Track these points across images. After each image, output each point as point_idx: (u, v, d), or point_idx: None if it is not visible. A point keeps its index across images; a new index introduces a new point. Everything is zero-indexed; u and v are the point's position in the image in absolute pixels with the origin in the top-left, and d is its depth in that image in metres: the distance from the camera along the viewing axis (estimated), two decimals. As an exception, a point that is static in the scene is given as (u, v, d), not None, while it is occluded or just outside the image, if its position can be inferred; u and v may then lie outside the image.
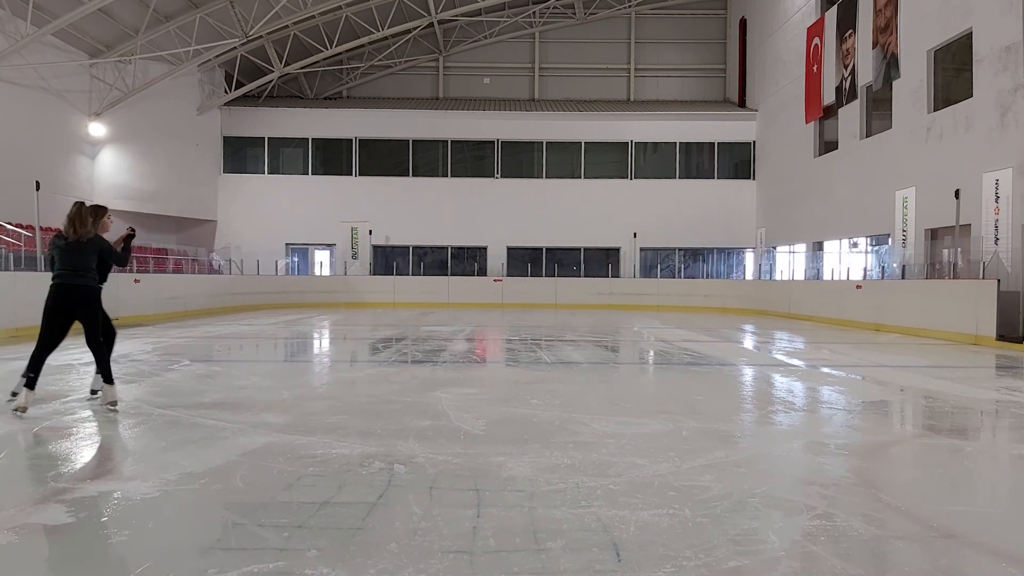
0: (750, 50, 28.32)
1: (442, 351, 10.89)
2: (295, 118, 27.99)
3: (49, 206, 19.21)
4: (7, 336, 12.18)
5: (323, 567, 2.81)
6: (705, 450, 4.69)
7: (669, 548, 3.01)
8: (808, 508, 3.57)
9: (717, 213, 27.72)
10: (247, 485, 3.88)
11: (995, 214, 13.82)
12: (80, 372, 8.14)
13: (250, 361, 10.45)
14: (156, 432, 5.12)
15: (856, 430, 5.54)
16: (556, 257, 27.92)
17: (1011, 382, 8.32)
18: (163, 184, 25.03)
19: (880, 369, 9.26)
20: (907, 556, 3.05)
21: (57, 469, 4.18)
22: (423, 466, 4.26)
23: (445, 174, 28.33)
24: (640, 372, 9.71)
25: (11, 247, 15.91)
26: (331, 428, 5.27)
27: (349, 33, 26.29)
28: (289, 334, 14.59)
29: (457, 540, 3.11)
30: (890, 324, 15.26)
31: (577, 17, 30.09)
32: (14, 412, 5.62)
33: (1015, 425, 5.98)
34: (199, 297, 20.27)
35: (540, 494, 3.75)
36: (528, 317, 19.87)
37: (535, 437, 5.02)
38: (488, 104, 29.51)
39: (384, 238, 27.77)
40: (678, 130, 28.31)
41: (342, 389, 7.52)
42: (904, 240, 17.29)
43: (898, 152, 17.60)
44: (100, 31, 21.25)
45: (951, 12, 15.47)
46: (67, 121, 21.69)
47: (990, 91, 14.27)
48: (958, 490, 4.17)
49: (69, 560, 2.87)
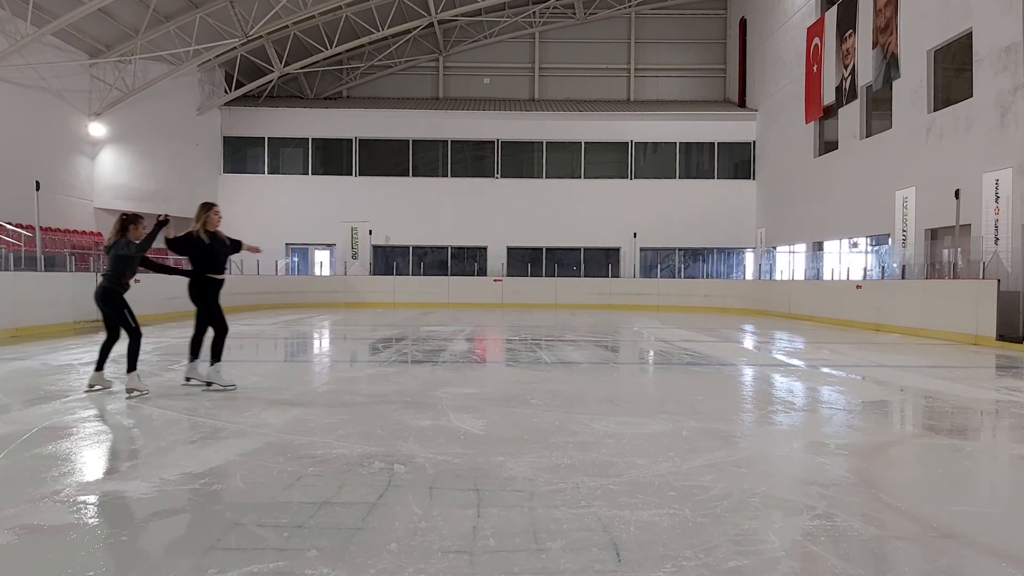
0: (750, 50, 28.32)
1: (442, 351, 10.89)
2: (295, 118, 28.00)
3: (49, 206, 19.26)
4: (7, 336, 12.18)
5: (323, 567, 2.81)
6: (705, 450, 4.69)
7: (669, 548, 3.01)
8: (808, 508, 3.57)
9: (717, 213, 27.72)
10: (247, 485, 3.88)
11: (995, 214, 13.82)
12: (80, 372, 8.14)
13: (250, 361, 10.44)
14: (156, 432, 5.12)
15: (856, 430, 5.54)
16: (556, 257, 27.92)
17: (1011, 382, 8.32)
18: (163, 184, 25.02)
19: (880, 369, 9.26)
20: (907, 556, 3.05)
21: (57, 469, 4.18)
22: (423, 466, 4.26)
23: (445, 174, 28.33)
24: (640, 372, 9.71)
25: (11, 247, 15.91)
26: (331, 428, 5.27)
27: (349, 33, 26.29)
28: (289, 334, 14.59)
29: (457, 540, 3.11)
30: (890, 324, 15.26)
31: (577, 17, 30.09)
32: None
33: (1015, 425, 5.98)
34: (199, 297, 20.22)
35: (540, 494, 3.75)
36: (528, 317, 19.87)
37: (535, 437, 5.01)
38: (488, 104, 29.51)
39: (384, 238, 27.77)
40: (678, 130, 28.31)
41: (342, 389, 7.52)
42: (904, 240, 17.29)
43: (898, 152, 17.60)
44: (100, 31, 21.25)
45: (951, 12, 15.47)
46: (67, 121, 21.68)
47: (990, 91, 14.26)
48: (958, 490, 4.17)
49: (69, 560, 2.87)
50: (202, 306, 6.97)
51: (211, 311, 6.97)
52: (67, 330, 13.80)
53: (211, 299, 6.95)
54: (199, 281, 6.92)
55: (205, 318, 7.03)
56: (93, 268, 17.01)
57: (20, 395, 6.64)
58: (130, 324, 6.58)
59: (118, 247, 6.51)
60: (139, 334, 6.66)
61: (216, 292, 6.98)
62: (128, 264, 6.62)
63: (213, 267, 6.93)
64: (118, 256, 6.53)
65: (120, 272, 6.58)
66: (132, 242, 6.53)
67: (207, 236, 6.90)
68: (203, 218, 6.90)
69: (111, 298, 6.54)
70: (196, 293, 6.94)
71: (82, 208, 22.43)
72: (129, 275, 6.69)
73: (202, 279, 6.91)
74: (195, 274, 6.93)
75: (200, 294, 6.93)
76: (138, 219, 6.62)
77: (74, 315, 14.64)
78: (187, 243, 6.88)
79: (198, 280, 6.92)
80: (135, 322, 6.61)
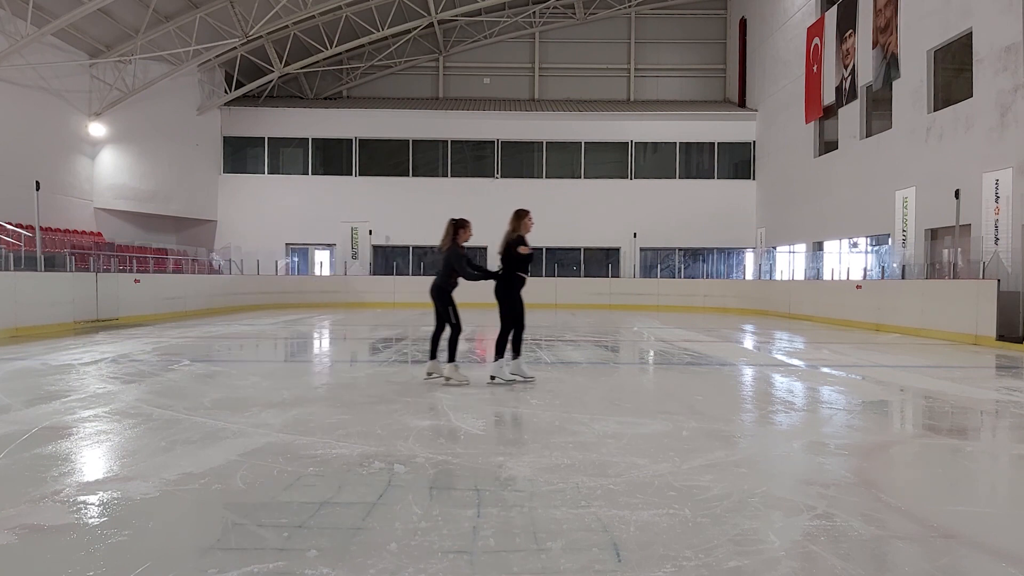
0: (750, 50, 28.32)
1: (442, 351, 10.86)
2: (295, 118, 27.99)
3: (49, 206, 19.25)
4: (7, 336, 12.18)
5: (323, 567, 2.81)
6: (705, 450, 4.69)
7: (669, 548, 3.01)
8: (808, 508, 3.57)
9: (717, 213, 27.71)
10: (247, 485, 3.88)
11: (995, 214, 13.82)
12: (80, 372, 8.14)
13: (250, 361, 10.45)
14: (156, 432, 5.12)
15: (856, 430, 5.54)
16: (556, 257, 27.91)
17: (1011, 382, 8.32)
18: (163, 184, 25.03)
19: (880, 369, 9.26)
20: (907, 556, 3.05)
21: (57, 469, 4.18)
22: (423, 466, 4.26)
23: (445, 174, 28.33)
24: (640, 372, 9.71)
25: (11, 247, 15.90)
26: (331, 428, 5.27)
27: (349, 33, 26.29)
28: (289, 334, 14.59)
29: (457, 540, 3.11)
30: (890, 324, 15.26)
31: (577, 17, 30.09)
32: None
33: (1015, 425, 5.98)
34: (199, 297, 20.27)
35: (540, 494, 3.75)
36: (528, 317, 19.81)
37: (535, 437, 5.02)
38: (488, 104, 29.51)
39: (384, 238, 27.76)
40: (678, 130, 28.31)
41: (342, 389, 7.52)
42: (904, 240, 17.29)
43: (898, 152, 17.60)
44: (100, 31, 21.25)
45: (951, 12, 15.47)
46: (67, 121, 21.68)
47: (990, 91, 14.26)
48: (958, 490, 4.17)
49: (69, 560, 2.87)
50: (510, 305, 7.36)
51: (517, 309, 7.39)
52: (67, 330, 13.80)
53: (520, 297, 7.43)
54: (517, 280, 7.37)
55: (510, 317, 7.38)
56: (93, 268, 17.02)
57: (20, 395, 6.63)
58: (451, 319, 7.40)
59: (451, 252, 7.31)
60: (459, 329, 7.41)
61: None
62: (453, 268, 7.39)
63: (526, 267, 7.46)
64: (451, 258, 7.32)
65: (449, 272, 7.38)
66: (460, 246, 7.36)
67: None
68: (523, 223, 7.40)
69: (441, 294, 7.43)
70: (507, 291, 7.35)
71: (82, 208, 22.43)
72: (456, 275, 7.42)
73: (518, 279, 7.38)
74: (508, 274, 7.39)
75: (512, 292, 7.37)
76: (466, 224, 7.46)
77: (74, 315, 14.64)
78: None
79: (513, 279, 7.37)
80: (457, 318, 7.41)
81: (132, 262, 19.45)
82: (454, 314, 7.41)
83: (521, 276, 7.40)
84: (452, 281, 7.45)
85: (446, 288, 7.45)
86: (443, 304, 7.45)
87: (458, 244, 7.39)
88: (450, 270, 7.39)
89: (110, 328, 14.60)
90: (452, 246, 7.37)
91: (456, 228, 7.42)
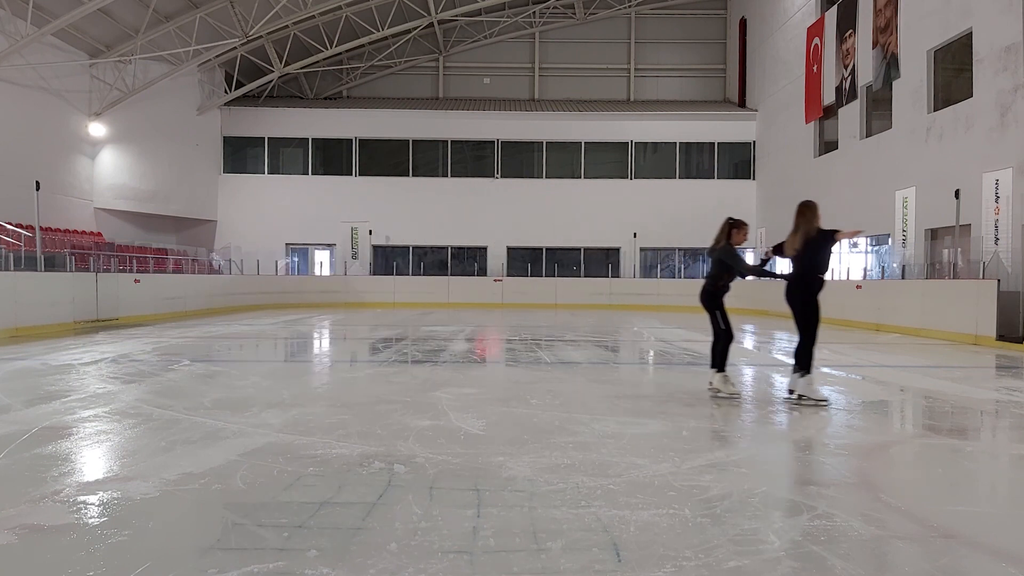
0: (750, 50, 28.31)
1: (442, 351, 10.88)
2: (295, 118, 27.99)
3: (49, 206, 19.25)
4: (7, 336, 12.18)
5: (323, 567, 2.81)
6: (705, 450, 4.69)
7: (669, 548, 3.01)
8: (808, 508, 3.57)
9: (717, 213, 27.20)
10: (247, 485, 3.88)
11: (995, 214, 13.82)
12: (80, 372, 8.14)
13: (250, 361, 10.44)
14: (156, 432, 5.12)
15: (856, 430, 5.54)
16: (556, 257, 27.91)
17: (1011, 382, 8.32)
18: (163, 184, 25.03)
19: (880, 369, 9.26)
20: (907, 556, 3.05)
21: (57, 469, 4.18)
22: (423, 466, 4.26)
23: (445, 174, 28.32)
24: (640, 372, 9.71)
25: (11, 247, 15.90)
26: (331, 428, 5.27)
27: (349, 33, 26.29)
28: (289, 334, 14.59)
29: (457, 540, 3.11)
30: (890, 324, 15.25)
31: (577, 17, 30.08)
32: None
33: (1015, 425, 5.97)
34: (199, 297, 20.28)
35: (540, 494, 3.75)
36: (528, 317, 19.86)
37: (535, 437, 5.01)
38: (488, 104, 29.50)
39: (384, 238, 27.77)
40: (678, 130, 28.30)
41: (342, 389, 7.52)
42: (904, 240, 17.29)
43: (898, 152, 17.60)
44: (100, 31, 21.25)
45: (951, 12, 15.46)
46: (67, 121, 21.68)
47: (990, 91, 14.26)
48: (958, 490, 4.17)
49: (69, 560, 2.87)
50: (815, 310, 6.44)
51: (811, 314, 6.44)
52: (67, 330, 13.80)
53: (816, 303, 6.45)
54: (816, 283, 6.48)
55: (805, 323, 6.48)
56: (93, 268, 17.02)
57: (20, 395, 6.63)
58: (719, 325, 6.83)
59: (725, 249, 6.73)
60: (729, 336, 6.81)
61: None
62: (725, 268, 6.80)
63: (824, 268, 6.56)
64: (724, 256, 6.73)
65: (718, 274, 6.78)
66: (734, 247, 6.76)
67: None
68: (816, 216, 6.53)
69: (711, 300, 6.86)
70: (805, 295, 6.47)
71: (82, 208, 22.43)
72: (727, 278, 6.83)
73: (819, 281, 6.50)
74: (805, 275, 6.53)
75: (811, 297, 6.45)
76: (742, 224, 6.83)
77: (74, 315, 14.64)
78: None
79: (814, 282, 6.49)
80: (725, 323, 6.82)
81: (132, 262, 19.44)
82: (723, 319, 6.79)
83: (820, 277, 6.48)
84: (721, 284, 6.79)
85: (716, 293, 6.82)
86: (710, 309, 6.86)
87: (731, 244, 6.74)
88: (720, 271, 6.76)
89: (110, 328, 14.60)
90: (725, 244, 6.74)
91: (731, 228, 6.78)
